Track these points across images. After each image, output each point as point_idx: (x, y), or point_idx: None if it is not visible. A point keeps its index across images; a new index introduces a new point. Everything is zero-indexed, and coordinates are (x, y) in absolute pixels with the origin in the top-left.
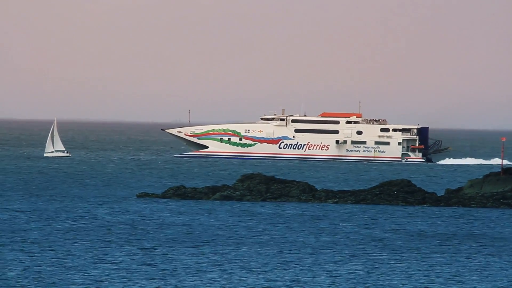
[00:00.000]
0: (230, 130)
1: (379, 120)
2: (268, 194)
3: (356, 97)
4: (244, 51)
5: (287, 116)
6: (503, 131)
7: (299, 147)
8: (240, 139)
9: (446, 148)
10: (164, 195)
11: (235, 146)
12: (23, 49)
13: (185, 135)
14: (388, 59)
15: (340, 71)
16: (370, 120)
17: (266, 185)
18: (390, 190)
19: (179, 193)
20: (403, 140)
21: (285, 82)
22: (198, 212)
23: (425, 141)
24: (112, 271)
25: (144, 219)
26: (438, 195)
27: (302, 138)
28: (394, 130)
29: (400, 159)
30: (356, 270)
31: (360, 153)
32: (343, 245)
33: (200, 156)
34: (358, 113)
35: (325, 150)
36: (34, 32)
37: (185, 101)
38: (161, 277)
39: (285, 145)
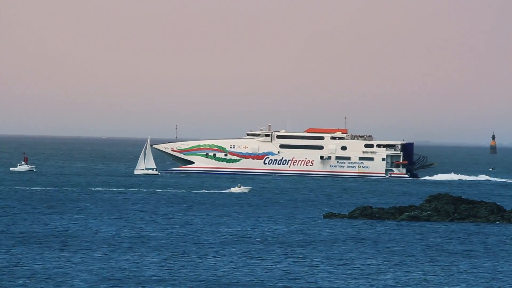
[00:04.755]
0: (216, 146)
1: (364, 136)
2: (455, 214)
3: (343, 113)
4: (231, 67)
5: (272, 132)
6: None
7: (284, 163)
8: (226, 155)
9: (431, 164)
10: (351, 215)
11: (221, 162)
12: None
13: (172, 150)
14: (376, 75)
15: (328, 86)
16: (355, 135)
17: (454, 205)
18: None
19: (366, 213)
20: (387, 155)
21: (273, 98)
22: None
23: (410, 157)
24: None
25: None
26: None
27: (287, 153)
28: (379, 145)
29: (384, 175)
30: None
31: (345, 169)
32: None
33: (186, 171)
34: (344, 129)
35: (310, 165)
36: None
37: (172, 116)
38: None
39: (270, 161)
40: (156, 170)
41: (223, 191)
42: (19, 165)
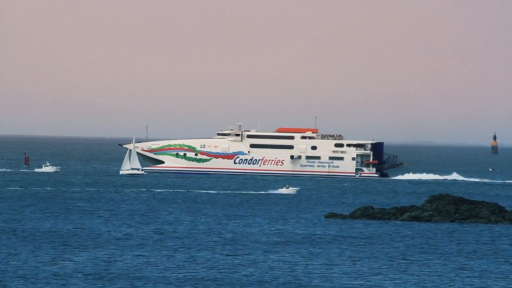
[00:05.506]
0: (186, 146)
1: (334, 135)
2: (457, 215)
3: (313, 113)
4: (202, 67)
5: (242, 132)
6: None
7: (254, 162)
8: (196, 154)
9: (401, 163)
10: (352, 216)
11: (191, 161)
12: None
13: (142, 150)
14: (347, 75)
15: (298, 86)
16: (325, 135)
17: (455, 205)
18: None
19: (367, 213)
20: (357, 155)
21: (243, 97)
22: None
23: (380, 157)
24: None
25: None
26: None
27: (257, 153)
28: (349, 145)
29: (354, 174)
30: None
31: (315, 168)
32: None
33: (156, 171)
34: (314, 128)
35: (280, 165)
36: None
37: (142, 116)
38: None
39: (240, 160)
40: (142, 170)
41: (273, 192)
42: (44, 166)
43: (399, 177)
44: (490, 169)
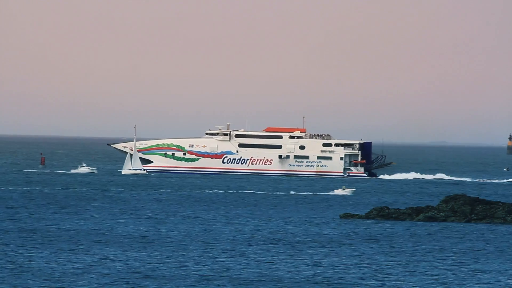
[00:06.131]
0: (174, 145)
1: (322, 135)
2: (472, 215)
3: (301, 112)
4: (190, 66)
5: (230, 131)
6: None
7: (242, 162)
8: (184, 154)
9: (390, 163)
10: (368, 216)
11: (179, 161)
12: None
13: (130, 149)
14: (335, 74)
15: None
16: (313, 135)
17: (471, 206)
18: None
19: (383, 213)
20: (345, 155)
21: (232, 97)
22: None
23: (368, 156)
24: None
25: None
26: None
27: (245, 152)
28: (337, 145)
29: (342, 174)
30: None
31: (303, 168)
32: None
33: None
34: (302, 128)
35: (268, 164)
36: None
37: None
38: None
39: (229, 160)
40: (144, 170)
41: (331, 193)
42: (80, 167)
43: (386, 176)
44: (505, 169)
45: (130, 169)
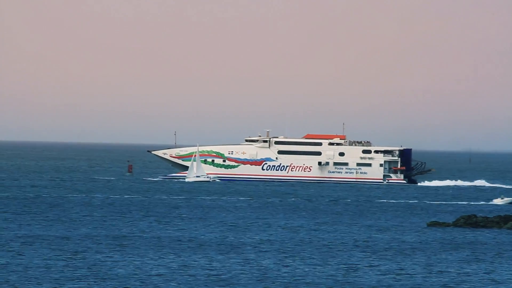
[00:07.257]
0: (214, 152)
1: (362, 141)
2: None
3: (341, 119)
4: (229, 73)
5: (270, 138)
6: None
7: (282, 169)
8: (224, 161)
9: (430, 170)
10: (455, 224)
11: (219, 168)
12: None
13: (170, 156)
14: (376, 80)
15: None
16: (353, 141)
17: None
18: None
19: (471, 222)
20: (385, 161)
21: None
22: None
23: (408, 163)
24: None
25: None
26: None
27: (285, 159)
28: (376, 151)
29: (381, 181)
30: None
31: (342, 175)
32: None
33: (183, 178)
34: (342, 134)
35: (308, 171)
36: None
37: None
38: None
39: (268, 167)
40: (208, 177)
41: (490, 203)
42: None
43: (426, 183)
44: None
45: (194, 177)
